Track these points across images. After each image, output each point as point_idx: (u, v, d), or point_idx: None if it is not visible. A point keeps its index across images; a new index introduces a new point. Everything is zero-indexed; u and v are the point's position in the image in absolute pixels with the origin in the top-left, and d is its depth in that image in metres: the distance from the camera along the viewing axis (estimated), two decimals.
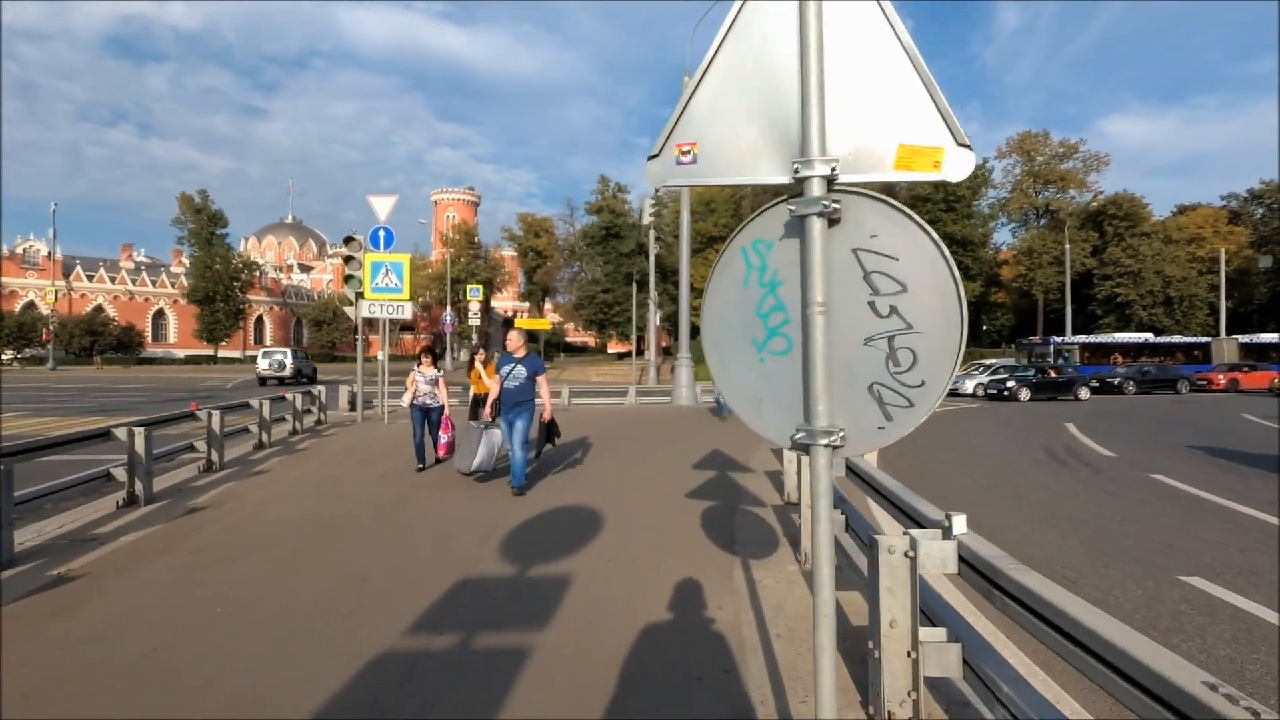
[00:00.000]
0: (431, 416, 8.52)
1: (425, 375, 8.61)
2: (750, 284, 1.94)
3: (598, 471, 8.44)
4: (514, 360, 7.05)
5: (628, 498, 6.88)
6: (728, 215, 61.75)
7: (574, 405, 19.49)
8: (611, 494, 7.01)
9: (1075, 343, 35.95)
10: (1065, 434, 13.86)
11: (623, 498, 6.87)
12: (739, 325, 1.96)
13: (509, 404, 6.98)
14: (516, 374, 6.95)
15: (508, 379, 6.96)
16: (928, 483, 8.40)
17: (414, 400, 8.48)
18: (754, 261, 1.93)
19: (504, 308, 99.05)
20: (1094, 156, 56.17)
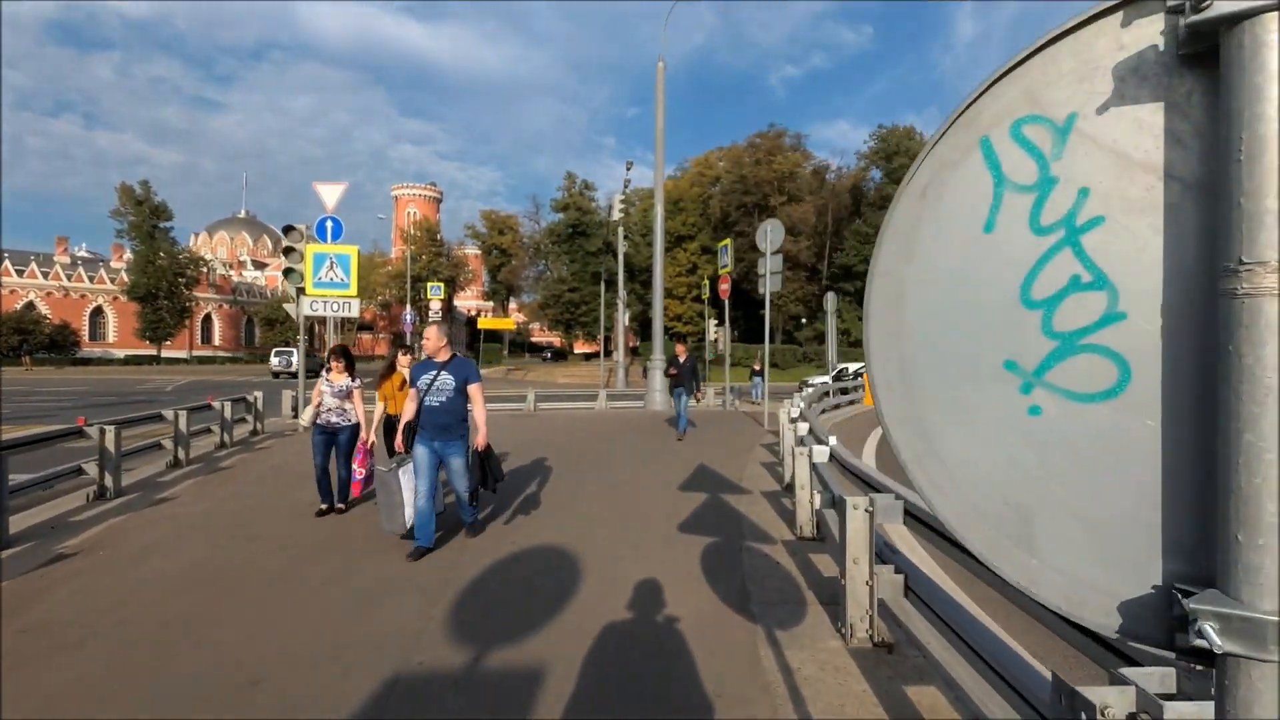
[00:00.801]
0: (340, 440, 6.25)
1: (333, 385, 6.24)
2: (1007, 225, 0.81)
3: (569, 497, 7.26)
4: (435, 367, 5.09)
5: (609, 535, 5.72)
6: (695, 214, 61.01)
7: (541, 410, 18.28)
8: (588, 530, 5.84)
9: None
10: None
11: (603, 535, 5.71)
12: (970, 327, 0.84)
13: (433, 428, 5.02)
14: (441, 385, 5.03)
15: (429, 393, 5.04)
16: None
17: (317, 418, 6.26)
18: (1020, 171, 0.80)
19: (468, 307, 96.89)
20: None
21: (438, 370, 5.08)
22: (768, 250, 13.75)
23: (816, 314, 56.41)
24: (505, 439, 11.71)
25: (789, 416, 9.51)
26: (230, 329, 71.74)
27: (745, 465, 9.20)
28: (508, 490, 7.13)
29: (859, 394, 21.36)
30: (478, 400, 5.21)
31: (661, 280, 18.86)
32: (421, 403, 5.08)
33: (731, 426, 14.47)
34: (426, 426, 5.05)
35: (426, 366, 5.15)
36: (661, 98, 18.95)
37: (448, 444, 5.12)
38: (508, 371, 45.01)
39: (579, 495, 7.24)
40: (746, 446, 11.09)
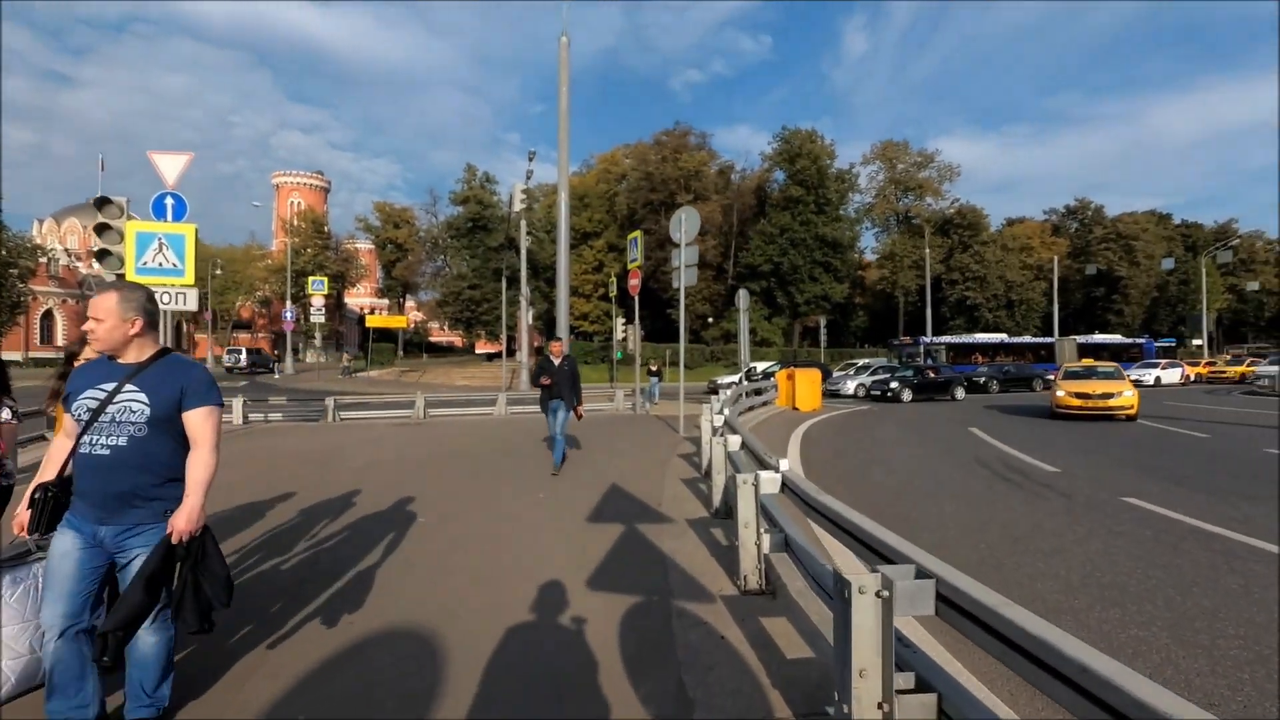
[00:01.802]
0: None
1: None
2: None
3: (441, 547, 5.73)
4: (112, 373, 2.58)
5: (489, 604, 4.27)
6: (602, 211, 59.77)
7: (432, 417, 16.39)
8: (460, 597, 4.37)
9: (943, 343, 37.23)
10: (981, 441, 12.75)
11: (481, 605, 4.25)
12: None
13: (96, 498, 2.51)
14: (120, 415, 2.51)
15: (91, 429, 2.51)
16: (896, 519, 6.46)
17: None
18: None
19: (360, 304, 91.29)
20: (947, 167, 59.84)
21: (119, 381, 2.55)
22: (682, 240, 12.59)
23: (724, 313, 56.51)
24: (373, 457, 9.89)
25: (712, 426, 8.32)
26: (76, 327, 63.52)
27: (664, 483, 7.93)
28: (356, 547, 5.51)
29: (772, 394, 20.70)
30: (201, 440, 2.60)
31: (566, 273, 17.39)
32: (77, 454, 2.54)
33: (644, 433, 13.22)
34: (85, 494, 2.53)
35: (93, 372, 2.61)
36: (565, 76, 17.50)
37: (127, 532, 2.53)
38: (401, 373, 41.99)
39: (457, 536, 5.70)
40: (663, 458, 9.84)
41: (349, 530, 5.75)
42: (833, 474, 9.44)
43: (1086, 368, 18.72)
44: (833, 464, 10.41)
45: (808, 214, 51.32)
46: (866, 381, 27.20)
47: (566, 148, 17.09)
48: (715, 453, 6.27)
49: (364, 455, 10.13)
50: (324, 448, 11.01)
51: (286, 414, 16.06)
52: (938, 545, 5.75)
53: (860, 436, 14.08)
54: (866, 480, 9.02)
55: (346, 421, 15.81)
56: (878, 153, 59.61)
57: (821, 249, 51.50)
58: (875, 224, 63.13)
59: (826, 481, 8.74)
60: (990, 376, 30.51)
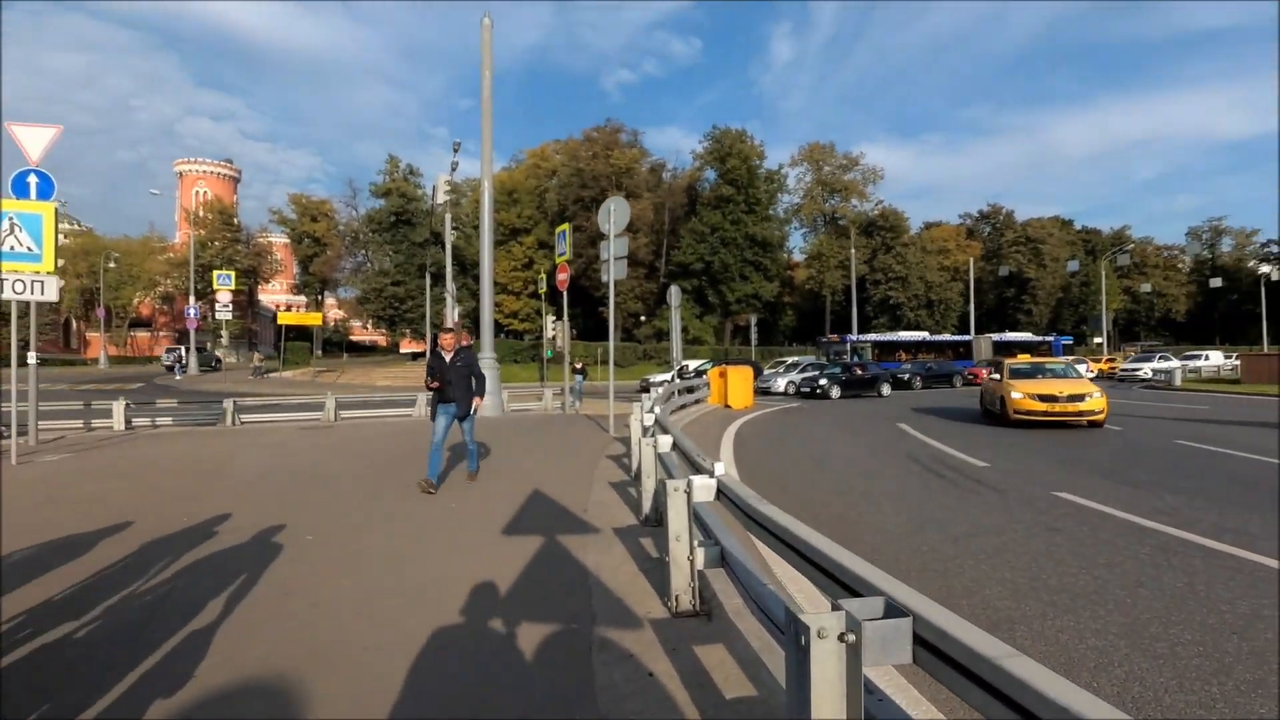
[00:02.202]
0: None
1: None
2: None
3: (347, 557, 5.00)
4: None
5: (391, 624, 3.61)
6: (531, 207, 58.63)
7: (345, 420, 15.29)
8: (365, 613, 3.70)
9: (869, 340, 38.10)
10: (911, 438, 12.78)
11: (382, 624, 3.59)
12: None
13: None
14: None
15: None
16: (834, 521, 6.13)
17: None
18: None
19: (275, 302, 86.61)
20: (871, 170, 61.63)
21: None
22: (611, 232, 12.05)
23: (656, 311, 56.37)
24: (268, 465, 8.91)
25: (642, 425, 7.82)
26: None
27: (590, 487, 7.37)
28: (223, 574, 4.72)
29: (704, 392, 20.46)
30: None
31: (490, 264, 16.56)
32: None
33: (572, 434, 12.61)
34: None
35: None
36: (488, 59, 16.65)
37: None
38: (317, 373, 39.78)
39: (349, 556, 4.98)
40: (590, 460, 9.27)
41: (218, 553, 4.93)
42: (767, 474, 9.11)
43: (1034, 364, 16.02)
44: (767, 464, 10.10)
45: (738, 213, 51.78)
46: (796, 379, 27.41)
47: (490, 134, 16.26)
48: (645, 455, 5.76)
49: (258, 463, 9.12)
50: (214, 455, 9.90)
51: (178, 418, 14.61)
52: (879, 550, 5.43)
53: (793, 434, 13.92)
54: (802, 480, 8.72)
55: (248, 425, 14.51)
56: (805, 155, 60.87)
57: (752, 248, 52.06)
58: (803, 224, 64.48)
59: (761, 482, 8.40)
60: (914, 373, 31.37)
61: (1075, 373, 15.41)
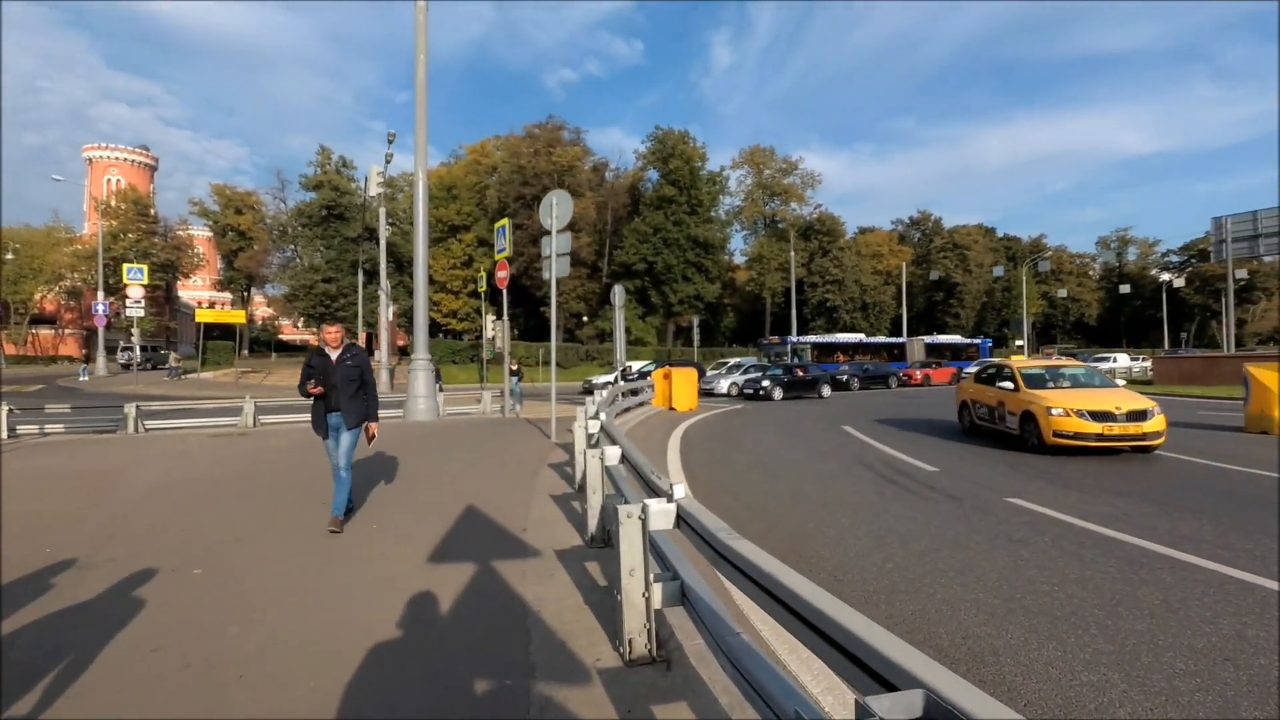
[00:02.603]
0: None
1: None
2: None
3: (240, 595, 4.29)
4: None
5: (283, 686, 2.97)
6: (471, 204, 57.14)
7: (265, 426, 14.19)
8: (251, 675, 3.04)
9: (809, 342, 38.50)
10: (857, 441, 12.66)
11: (273, 688, 2.94)
12: None
13: None
14: None
15: None
16: (792, 535, 5.74)
17: None
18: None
19: (198, 298, 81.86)
20: (809, 174, 62.67)
21: None
22: (554, 226, 11.45)
23: (598, 311, 55.76)
24: (165, 479, 7.94)
25: (586, 433, 7.29)
26: None
27: (530, 502, 6.78)
28: (83, 621, 3.95)
29: (648, 394, 20.03)
30: None
31: (425, 258, 15.69)
32: None
33: (511, 440, 11.95)
34: None
35: None
36: (423, 43, 15.76)
37: None
38: (240, 374, 37.50)
39: (243, 594, 4.27)
40: (531, 470, 8.66)
41: (80, 600, 4.15)
42: (718, 482, 8.71)
43: (1051, 369, 12.14)
44: (717, 470, 9.71)
45: (681, 214, 51.71)
46: (739, 380, 27.34)
47: (425, 122, 15.36)
48: (590, 468, 5.23)
49: (153, 478, 8.13)
50: (104, 468, 8.82)
51: (71, 425, 13.19)
52: (842, 568, 5.06)
53: (740, 438, 13.62)
54: (754, 488, 8.35)
55: (153, 433, 13.23)
56: (746, 157, 61.42)
57: (694, 249, 52.08)
58: (744, 226, 65.02)
59: (712, 492, 7.99)
60: (852, 375, 31.80)
61: (1107, 380, 12.31)
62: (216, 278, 76.21)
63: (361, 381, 5.87)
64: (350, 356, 5.85)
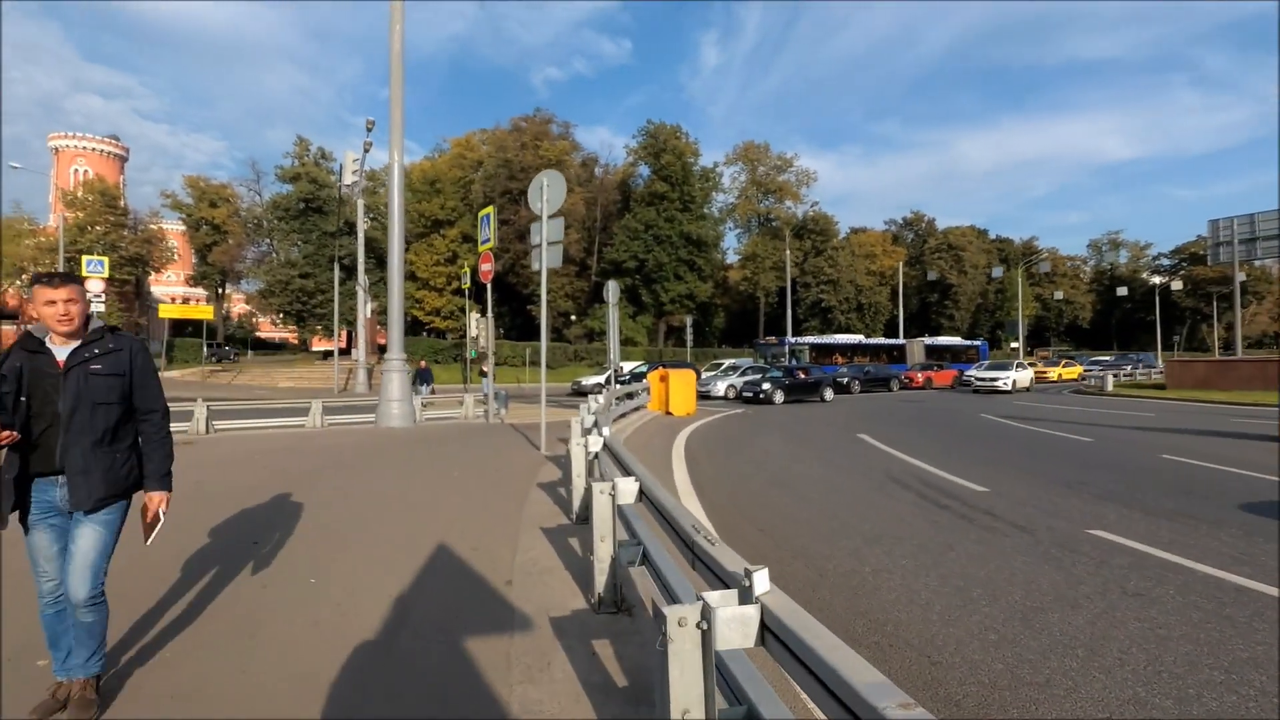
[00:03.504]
0: None
1: None
2: None
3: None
4: None
5: None
6: (456, 198, 55.48)
7: (219, 434, 12.76)
8: None
9: (807, 343, 37.38)
10: (879, 452, 11.45)
11: None
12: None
13: None
14: None
15: None
16: (845, 587, 4.48)
17: None
18: None
19: (172, 294, 79.43)
20: (804, 172, 61.61)
21: None
22: (544, 211, 10.15)
23: (587, 310, 54.38)
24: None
25: (585, 452, 5.98)
26: None
27: (517, 538, 5.45)
28: None
29: (643, 397, 18.74)
30: None
31: (400, 247, 14.32)
32: None
33: (495, 451, 10.60)
34: None
35: None
36: (400, 17, 14.37)
37: None
38: (210, 373, 35.74)
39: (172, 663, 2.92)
40: (516, 493, 7.31)
41: None
42: (737, 506, 7.43)
43: None
44: (731, 489, 8.43)
45: (673, 210, 50.42)
46: (737, 383, 26.15)
47: (401, 96, 13.95)
48: (598, 506, 3.93)
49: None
50: None
51: None
52: (932, 642, 3.76)
53: (749, 448, 12.37)
54: (780, 514, 7.06)
55: None
56: (740, 154, 60.23)
57: (686, 247, 50.80)
58: (737, 224, 63.84)
59: (731, 519, 6.70)
60: (853, 377, 30.70)
61: None
62: (191, 273, 73.98)
63: (125, 408, 2.82)
64: (101, 354, 2.74)
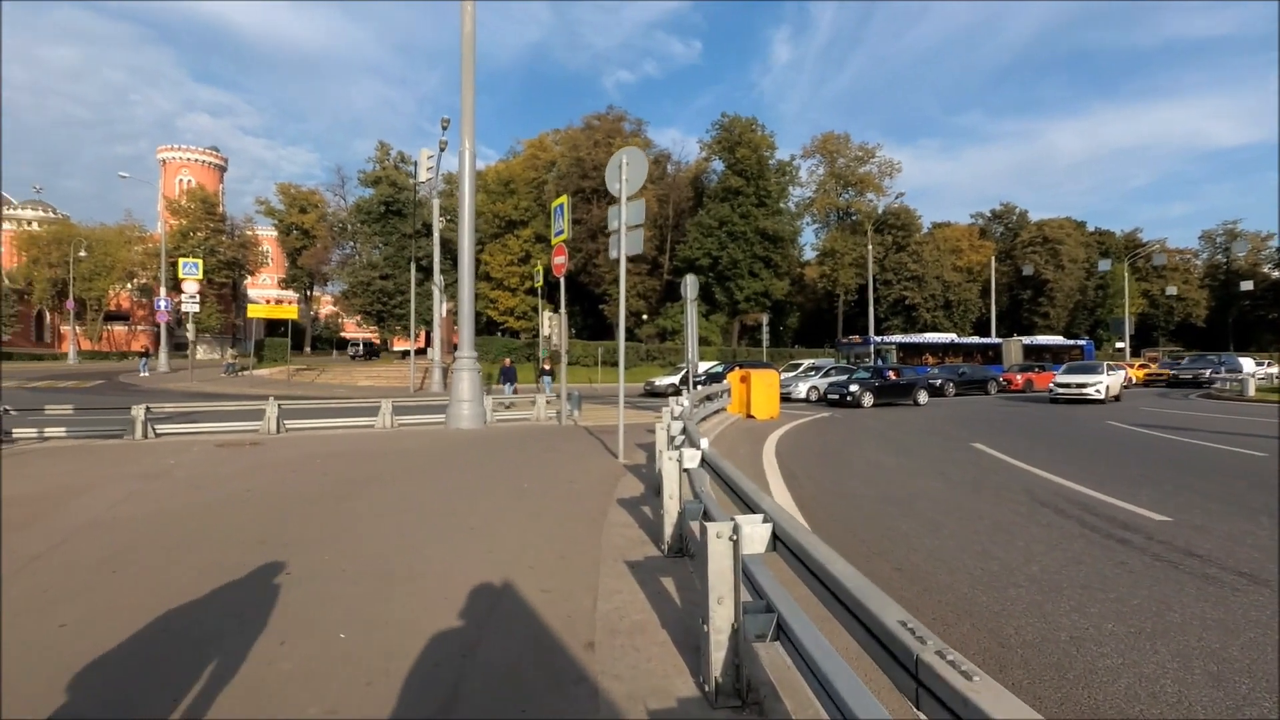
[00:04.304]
0: None
1: None
2: None
3: None
4: None
5: None
6: (529, 199, 55.64)
7: (291, 432, 12.42)
8: None
9: (894, 342, 35.17)
10: (1005, 466, 9.88)
11: None
12: None
13: None
14: None
15: None
16: (1040, 673, 3.23)
17: None
18: None
19: (266, 296, 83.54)
20: (888, 162, 58.64)
21: None
22: (623, 192, 9.15)
23: (658, 309, 53.41)
24: (114, 511, 5.89)
25: (677, 469, 4.90)
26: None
27: (598, 575, 4.42)
28: None
29: (724, 399, 17.53)
30: None
31: (471, 238, 13.66)
32: None
33: (568, 458, 9.68)
34: None
35: None
36: (471, 7, 13.73)
37: None
38: (295, 371, 36.76)
39: None
40: (593, 513, 6.30)
41: None
42: (854, 536, 6.17)
43: None
44: (842, 512, 7.16)
45: (748, 206, 48.73)
46: (820, 384, 24.52)
47: (472, 78, 13.33)
48: (715, 555, 2.82)
49: (97, 509, 6.17)
50: (53, 490, 6.94)
51: (74, 428, 11.66)
52: None
53: (847, 457, 11.01)
54: (913, 548, 5.76)
55: (164, 438, 11.58)
56: (818, 146, 57.81)
57: (762, 243, 48.98)
58: (815, 219, 61.40)
59: (855, 552, 5.43)
60: (946, 379, 28.46)
61: None
62: (283, 276, 77.52)
63: None
64: None
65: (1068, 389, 23.83)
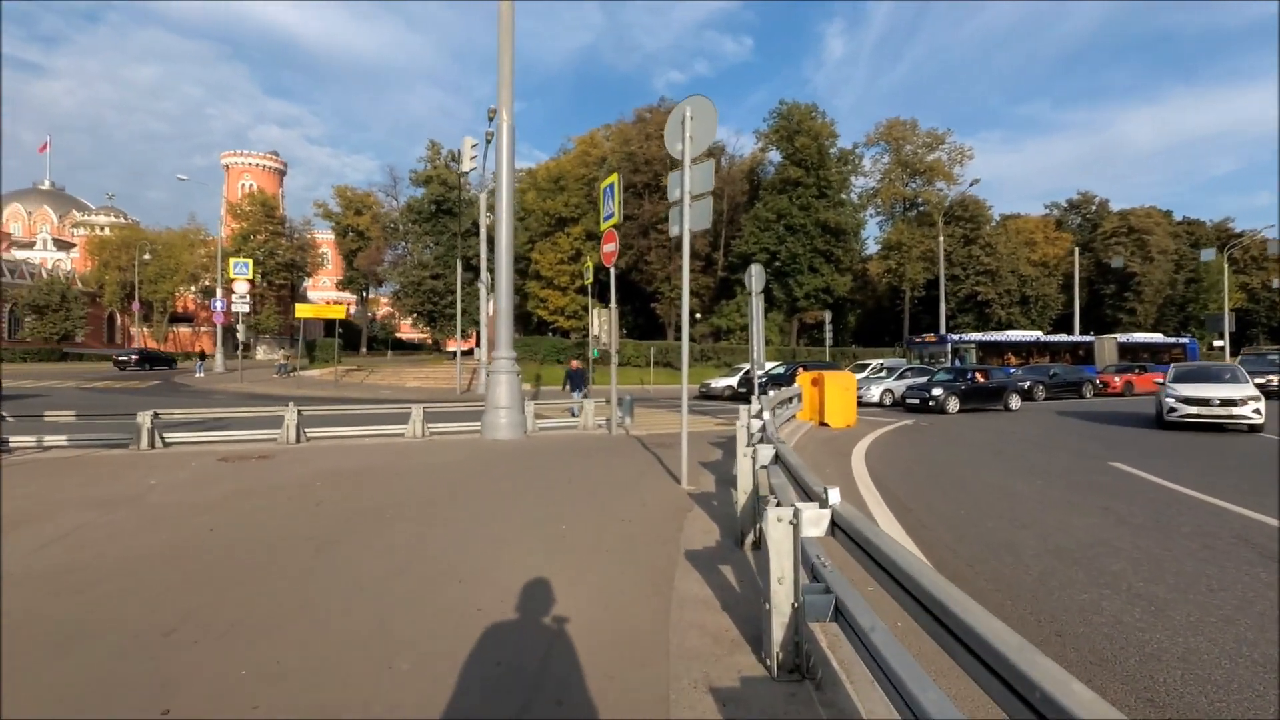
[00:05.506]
0: None
1: None
2: None
3: None
4: None
5: None
6: (579, 195, 54.39)
7: (315, 442, 11.13)
8: None
9: (973, 341, 32.35)
10: (1166, 491, 7.73)
11: None
12: None
13: None
14: None
15: None
16: None
17: None
18: None
19: (325, 298, 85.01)
20: (958, 149, 55.13)
21: None
22: (686, 155, 7.40)
23: (713, 307, 51.44)
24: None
25: (794, 531, 3.10)
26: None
27: (668, 680, 2.68)
28: None
29: (794, 406, 15.58)
30: None
31: (509, 253, 12.15)
32: None
33: (620, 479, 7.98)
34: None
35: None
36: None
37: None
38: (345, 372, 36.33)
39: None
40: (660, 562, 4.56)
41: None
42: (1010, 599, 4.25)
43: None
44: (987, 564, 5.22)
45: (808, 198, 46.22)
46: (895, 387, 22.23)
47: (511, 33, 11.86)
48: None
49: (19, 553, 4.79)
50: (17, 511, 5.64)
51: (80, 436, 10.62)
52: None
53: (959, 478, 9.00)
54: (1115, 627, 3.83)
55: (173, 448, 10.43)
56: (882, 133, 54.65)
57: (823, 236, 46.39)
58: (879, 211, 58.19)
59: (1032, 632, 3.53)
60: (1036, 381, 25.68)
61: None
62: (340, 277, 78.66)
63: None
64: None
65: (1203, 408, 14.41)
